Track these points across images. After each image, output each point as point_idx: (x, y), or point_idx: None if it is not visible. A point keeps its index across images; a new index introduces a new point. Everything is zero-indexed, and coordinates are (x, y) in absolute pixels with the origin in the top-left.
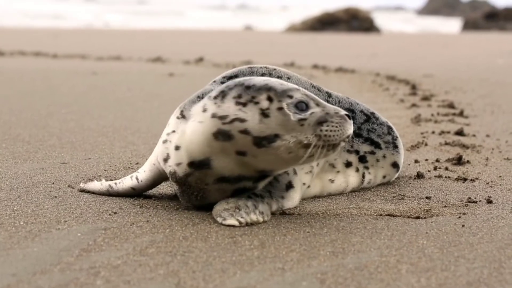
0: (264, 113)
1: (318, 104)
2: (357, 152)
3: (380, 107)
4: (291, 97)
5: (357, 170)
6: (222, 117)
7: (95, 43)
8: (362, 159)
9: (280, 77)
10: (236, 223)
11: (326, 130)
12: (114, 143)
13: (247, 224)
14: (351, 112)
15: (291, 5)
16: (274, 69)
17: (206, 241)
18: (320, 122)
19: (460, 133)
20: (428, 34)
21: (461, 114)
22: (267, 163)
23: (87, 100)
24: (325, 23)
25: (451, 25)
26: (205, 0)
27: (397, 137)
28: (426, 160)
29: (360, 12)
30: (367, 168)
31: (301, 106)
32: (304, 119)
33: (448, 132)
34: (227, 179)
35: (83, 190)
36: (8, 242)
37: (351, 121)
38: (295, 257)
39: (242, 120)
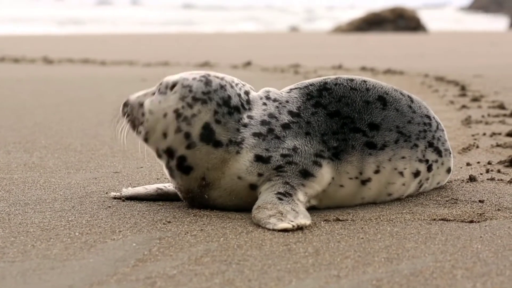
0: None
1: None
2: (427, 161)
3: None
4: None
5: (420, 181)
6: None
7: (142, 48)
8: (429, 168)
9: (348, 79)
10: (290, 226)
11: None
12: None
13: (298, 227)
14: (428, 118)
15: (336, 5)
16: (352, 80)
17: (260, 249)
18: None
19: (511, 134)
20: (475, 32)
21: None
22: None
23: None
24: (371, 23)
25: (499, 22)
26: (250, 1)
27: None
28: (478, 162)
29: (406, 11)
30: (427, 179)
31: None
32: None
33: (500, 134)
34: None
35: (119, 198)
36: (64, 254)
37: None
38: (350, 264)
39: None
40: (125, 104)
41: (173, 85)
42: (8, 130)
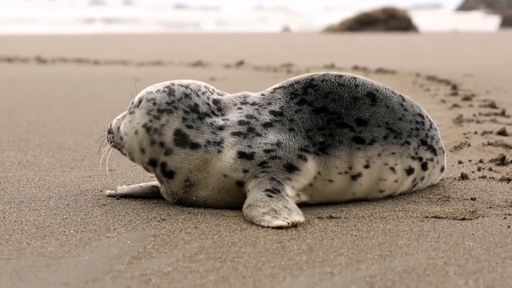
0: None
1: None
2: (420, 159)
3: None
4: None
5: (414, 180)
6: None
7: (135, 48)
8: (424, 166)
9: (336, 76)
10: (285, 223)
11: None
12: None
13: (293, 225)
14: (421, 117)
15: (329, 5)
16: (341, 76)
17: (254, 246)
18: None
19: (502, 133)
20: (466, 32)
21: (503, 113)
22: None
23: None
24: (363, 23)
25: (489, 22)
26: (243, 1)
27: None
28: (470, 161)
29: (398, 12)
30: (422, 178)
31: None
32: None
33: (491, 132)
34: None
35: (114, 196)
36: (59, 251)
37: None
38: (344, 261)
39: None
40: (109, 131)
41: (139, 102)
42: (2, 129)
